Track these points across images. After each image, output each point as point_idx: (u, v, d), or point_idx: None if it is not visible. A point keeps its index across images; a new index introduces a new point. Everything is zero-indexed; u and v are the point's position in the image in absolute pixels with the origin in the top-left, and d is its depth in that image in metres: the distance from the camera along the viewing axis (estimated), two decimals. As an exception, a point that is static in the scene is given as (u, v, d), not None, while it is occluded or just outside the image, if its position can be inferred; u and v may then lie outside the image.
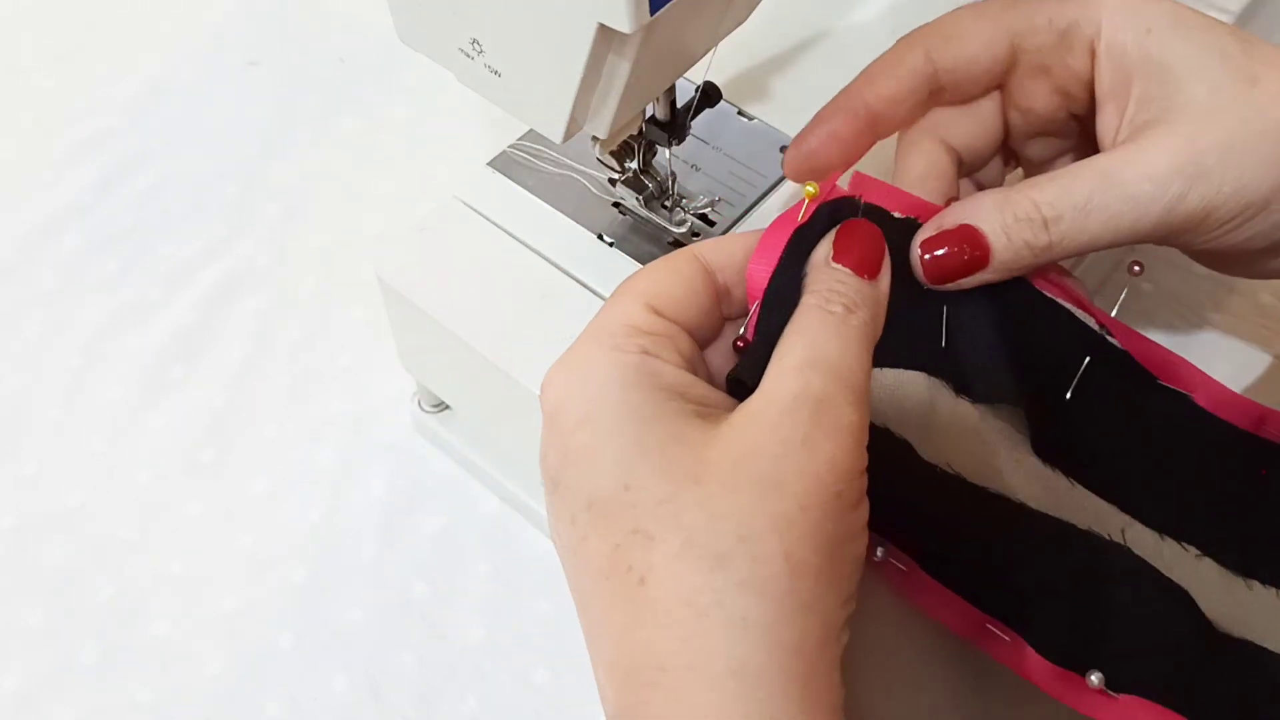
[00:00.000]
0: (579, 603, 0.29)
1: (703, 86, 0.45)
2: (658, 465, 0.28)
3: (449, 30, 0.39)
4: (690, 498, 0.27)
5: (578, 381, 0.30)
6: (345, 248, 0.64)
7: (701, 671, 0.26)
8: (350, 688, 0.49)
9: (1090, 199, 0.35)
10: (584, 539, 0.28)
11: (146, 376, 0.59)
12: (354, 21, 0.74)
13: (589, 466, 0.29)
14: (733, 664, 0.25)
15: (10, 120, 0.70)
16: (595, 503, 0.28)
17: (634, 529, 0.27)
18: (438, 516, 0.54)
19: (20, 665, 0.50)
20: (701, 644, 0.26)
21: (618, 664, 0.27)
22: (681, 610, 0.26)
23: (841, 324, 0.31)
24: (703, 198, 0.48)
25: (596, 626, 0.28)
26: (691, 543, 0.26)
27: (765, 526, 0.26)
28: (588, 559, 0.28)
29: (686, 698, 0.26)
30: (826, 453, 0.28)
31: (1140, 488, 0.36)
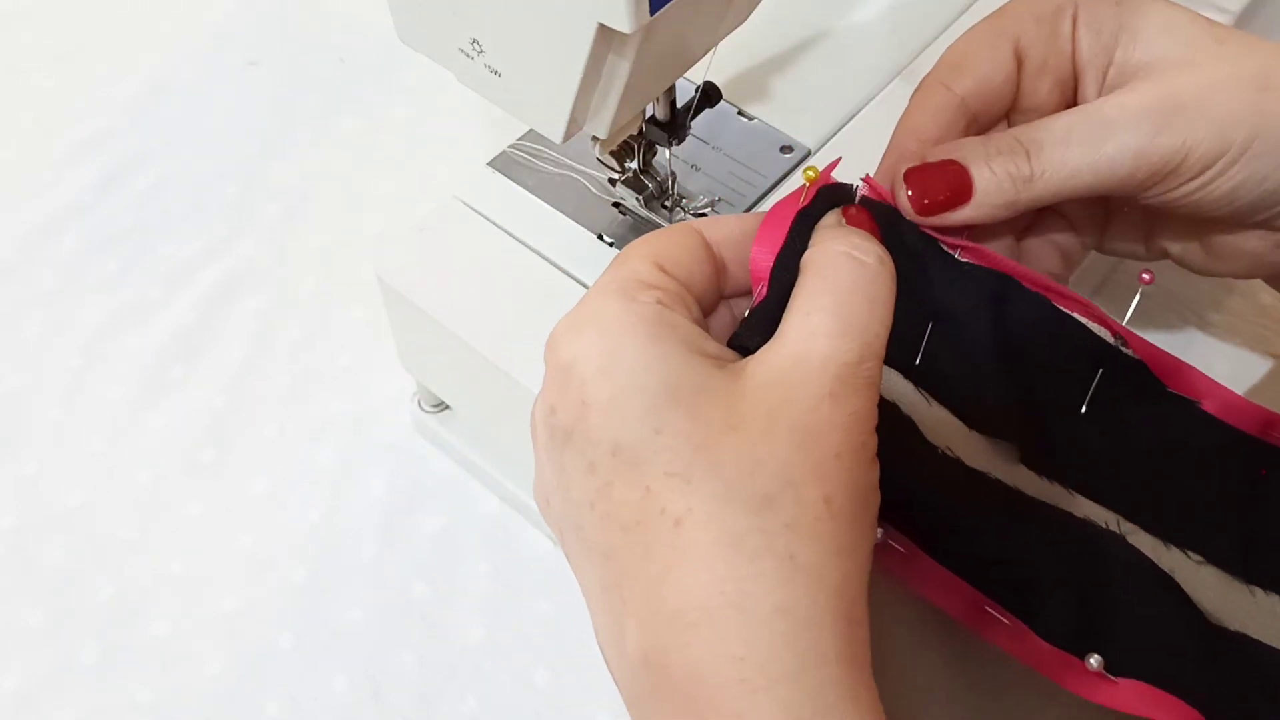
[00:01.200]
0: (597, 561, 0.28)
1: (703, 86, 0.45)
2: (691, 410, 0.28)
3: (449, 30, 0.39)
4: (730, 443, 0.27)
5: (593, 333, 0.30)
6: (345, 248, 0.64)
7: (749, 611, 0.25)
8: (350, 688, 0.49)
9: (1070, 130, 0.35)
10: (608, 484, 0.27)
11: (146, 376, 0.59)
12: (354, 21, 0.74)
13: (614, 413, 0.28)
14: (782, 603, 0.25)
15: (10, 120, 0.70)
16: (623, 448, 0.27)
17: (668, 472, 0.27)
18: (438, 516, 0.54)
19: (20, 665, 0.50)
20: (750, 584, 0.26)
21: (657, 610, 0.26)
22: (726, 551, 0.26)
23: (872, 280, 0.31)
24: (703, 198, 0.48)
25: (625, 577, 0.27)
26: (733, 486, 0.26)
27: (807, 473, 0.27)
28: (613, 508, 0.27)
29: (733, 636, 0.25)
30: (853, 405, 0.28)
31: (1143, 496, 0.36)
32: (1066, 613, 0.33)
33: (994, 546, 0.34)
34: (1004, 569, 0.33)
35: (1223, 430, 0.37)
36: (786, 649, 0.25)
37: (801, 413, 0.28)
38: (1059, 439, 0.36)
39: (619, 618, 0.27)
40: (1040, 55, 0.39)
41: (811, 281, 0.31)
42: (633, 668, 0.27)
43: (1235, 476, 0.37)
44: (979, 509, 0.34)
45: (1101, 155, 0.35)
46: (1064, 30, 0.38)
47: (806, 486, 0.27)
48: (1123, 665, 0.32)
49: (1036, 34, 0.38)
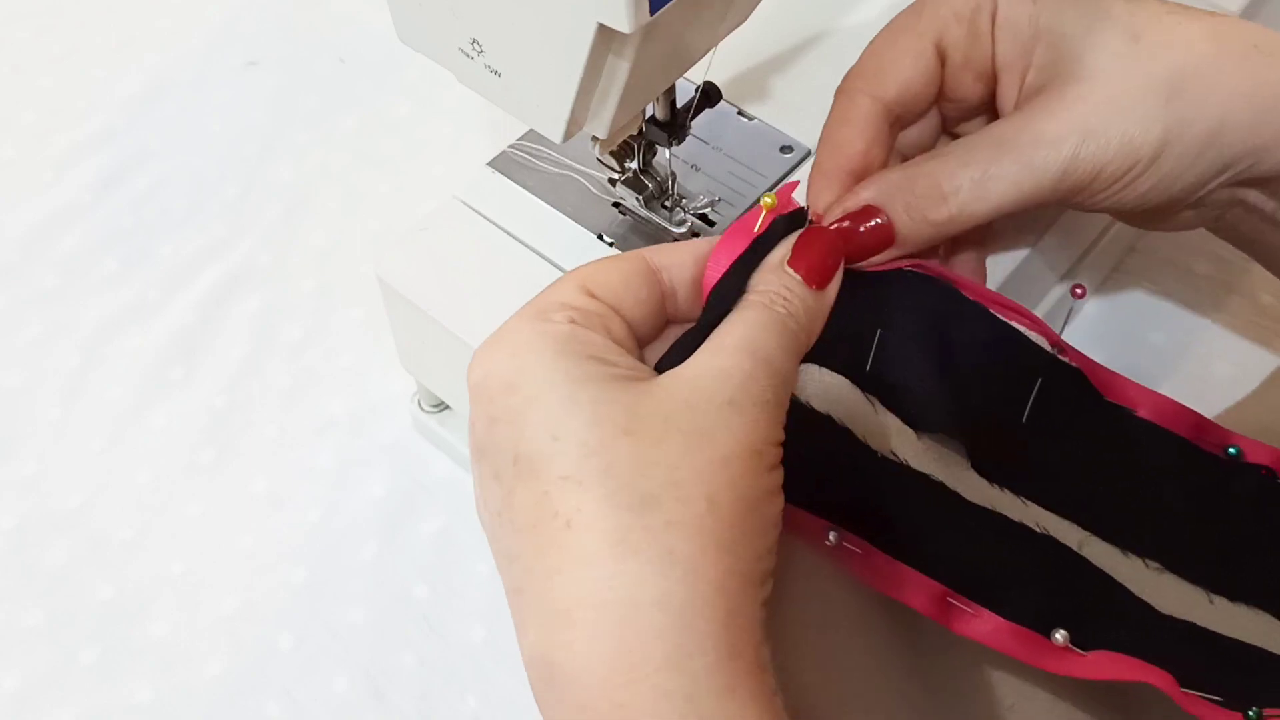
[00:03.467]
0: (505, 566, 0.29)
1: (703, 86, 0.45)
2: (589, 418, 0.29)
3: (449, 30, 0.39)
4: (621, 447, 0.28)
5: (504, 352, 0.31)
6: (345, 248, 0.64)
7: (628, 605, 0.26)
8: (350, 688, 0.49)
9: (987, 170, 0.36)
10: (510, 492, 0.28)
11: (146, 376, 0.59)
12: (354, 21, 0.74)
13: (516, 424, 0.29)
14: (659, 596, 0.26)
15: (10, 120, 0.70)
16: (522, 456, 0.29)
17: (563, 476, 0.28)
18: (438, 516, 0.54)
19: (20, 665, 0.50)
20: (628, 579, 0.26)
21: (548, 610, 0.27)
22: (611, 549, 0.27)
23: (780, 322, 0.32)
24: (703, 198, 0.48)
25: (524, 580, 0.28)
26: (621, 487, 0.27)
27: (692, 474, 0.28)
28: (514, 514, 0.28)
29: (611, 632, 0.26)
30: (750, 415, 0.30)
31: (1095, 504, 0.37)
32: (1027, 599, 0.34)
33: (945, 542, 0.35)
34: (959, 563, 0.34)
35: (1162, 437, 0.38)
36: (662, 639, 0.26)
37: (697, 416, 0.29)
38: (1006, 445, 0.37)
39: (521, 620, 0.28)
40: (962, 54, 0.39)
41: (733, 316, 0.32)
42: (532, 668, 0.28)
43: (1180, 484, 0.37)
44: (927, 508, 0.35)
45: (1023, 189, 0.36)
46: (983, 29, 0.38)
47: (691, 486, 0.28)
48: (1088, 644, 0.33)
49: (957, 33, 0.38)
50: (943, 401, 0.36)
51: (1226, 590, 0.36)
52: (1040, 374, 0.37)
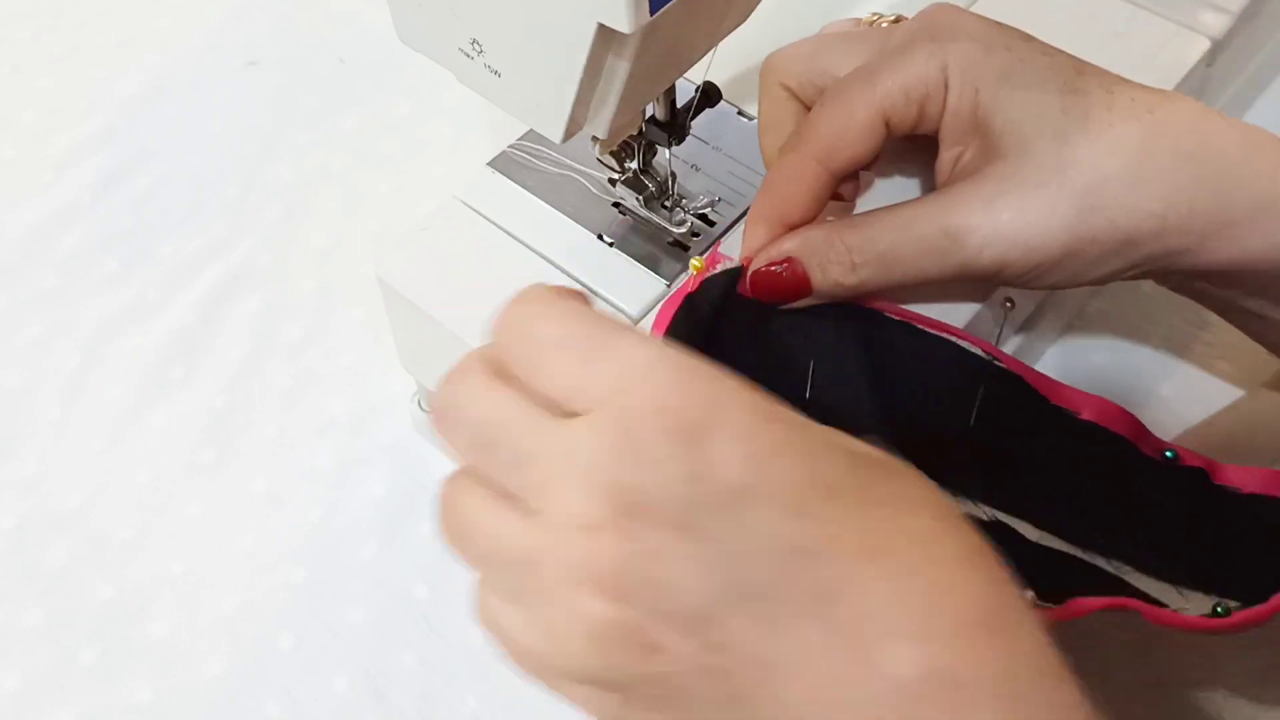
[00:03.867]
0: (797, 576, 0.26)
1: (703, 86, 0.45)
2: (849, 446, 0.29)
3: (449, 30, 0.39)
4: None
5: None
6: (345, 248, 0.64)
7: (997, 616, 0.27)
8: (350, 688, 0.49)
9: (891, 249, 0.38)
10: (824, 522, 0.26)
11: (146, 376, 0.59)
12: (354, 21, 0.74)
13: (800, 453, 0.27)
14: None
15: (10, 120, 0.70)
16: (829, 483, 0.27)
17: (879, 500, 0.28)
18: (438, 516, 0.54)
19: (20, 665, 0.50)
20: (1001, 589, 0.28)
21: (917, 624, 0.26)
22: (968, 559, 0.28)
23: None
24: (703, 198, 0.48)
25: (865, 594, 0.26)
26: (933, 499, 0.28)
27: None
28: (842, 536, 0.26)
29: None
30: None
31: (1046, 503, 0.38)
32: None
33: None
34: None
35: (1106, 437, 0.39)
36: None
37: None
38: (954, 452, 0.38)
39: (862, 648, 0.26)
40: (907, 128, 0.40)
41: None
42: (901, 686, 0.26)
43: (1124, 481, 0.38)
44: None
45: (926, 269, 0.38)
46: (932, 112, 0.39)
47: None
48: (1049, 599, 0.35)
49: (906, 112, 0.39)
50: (882, 415, 0.38)
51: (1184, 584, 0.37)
52: (982, 381, 0.38)
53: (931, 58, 0.38)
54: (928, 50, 0.38)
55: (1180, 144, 0.36)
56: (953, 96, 0.38)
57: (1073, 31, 0.53)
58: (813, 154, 0.40)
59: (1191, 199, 0.36)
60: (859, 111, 0.39)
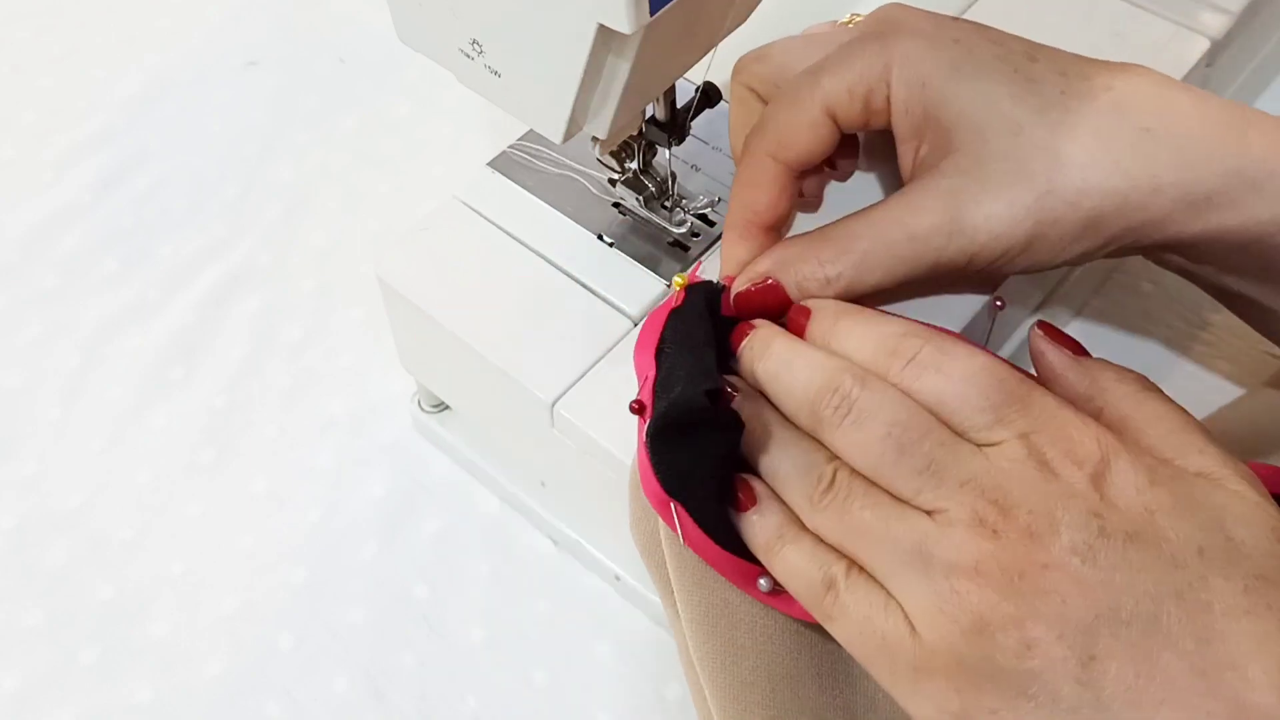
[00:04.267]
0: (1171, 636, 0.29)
1: (703, 87, 0.45)
2: (1242, 520, 0.30)
3: (449, 31, 0.39)
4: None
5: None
6: (345, 248, 0.64)
7: None
8: (350, 688, 0.49)
9: (865, 257, 0.38)
10: (1202, 578, 0.29)
11: (146, 376, 0.59)
12: (354, 21, 0.74)
13: (1180, 513, 0.30)
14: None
15: (10, 120, 0.70)
16: (1205, 548, 0.30)
17: (1256, 574, 0.29)
18: (438, 516, 0.54)
19: (20, 665, 0.50)
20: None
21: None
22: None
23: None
24: (703, 198, 0.48)
25: (1252, 654, 0.29)
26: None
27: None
28: (1214, 596, 0.29)
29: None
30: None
31: None
32: None
33: None
34: None
35: None
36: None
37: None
38: None
39: (1237, 693, 0.28)
40: (857, 124, 0.40)
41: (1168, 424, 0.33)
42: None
43: None
44: None
45: (900, 271, 0.38)
46: (878, 106, 0.39)
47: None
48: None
49: (850, 108, 0.39)
50: None
51: None
52: None
53: (875, 55, 0.38)
54: (872, 48, 0.38)
55: (1140, 119, 0.36)
56: (900, 92, 0.38)
57: (1073, 31, 0.53)
58: (766, 150, 0.40)
59: (1154, 175, 0.36)
60: (805, 108, 0.39)
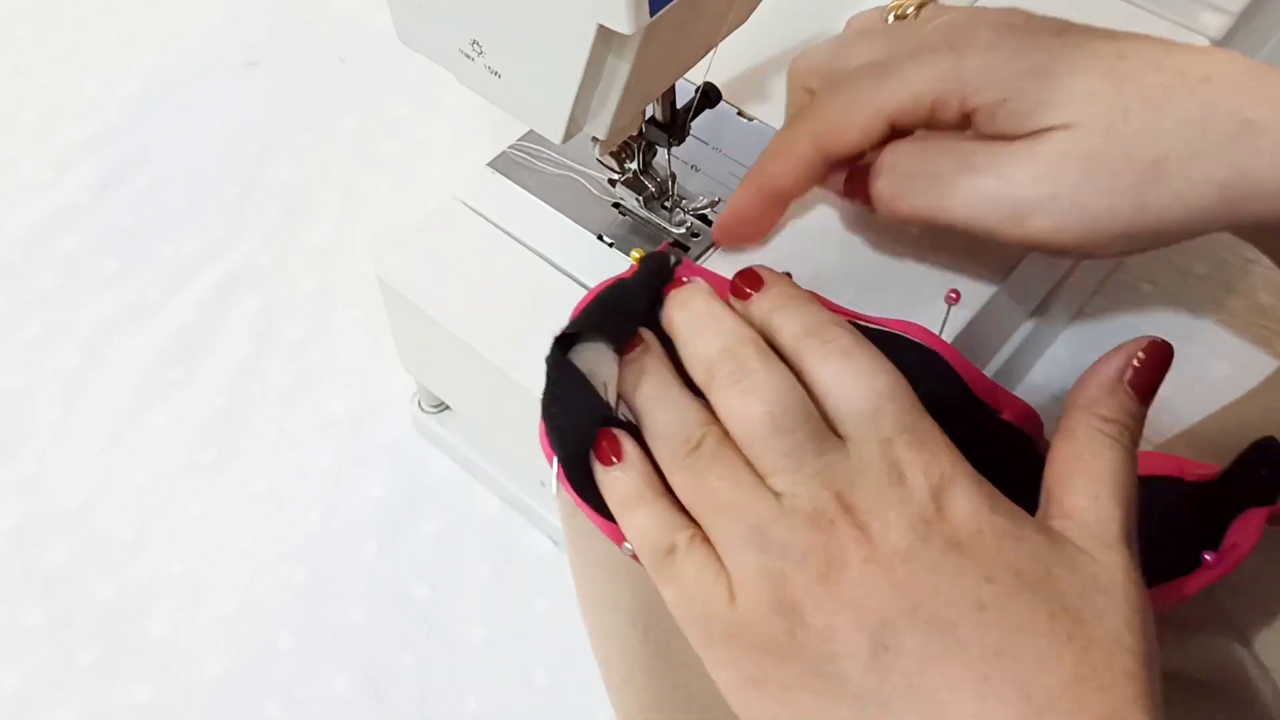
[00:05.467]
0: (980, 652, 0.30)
1: (703, 87, 0.45)
2: (1068, 564, 0.32)
3: (449, 31, 0.39)
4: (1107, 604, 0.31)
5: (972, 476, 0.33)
6: (345, 248, 0.64)
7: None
8: (350, 688, 0.49)
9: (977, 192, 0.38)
10: (1009, 596, 0.31)
11: (146, 376, 0.59)
12: (354, 21, 0.74)
13: (1010, 545, 0.31)
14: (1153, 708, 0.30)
15: (10, 120, 0.70)
16: (1023, 574, 0.31)
17: (1065, 607, 0.31)
18: (438, 516, 0.54)
19: (20, 665, 0.51)
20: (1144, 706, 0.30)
21: (1083, 716, 0.29)
22: (1127, 683, 0.30)
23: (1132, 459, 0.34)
24: (703, 198, 0.48)
25: (1022, 672, 0.30)
26: (1121, 642, 0.30)
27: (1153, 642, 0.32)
28: (1011, 616, 0.30)
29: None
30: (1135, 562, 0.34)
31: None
32: None
33: None
34: None
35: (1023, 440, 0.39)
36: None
37: (1139, 591, 0.32)
38: None
39: (1021, 708, 0.29)
40: (915, 126, 0.40)
41: (1090, 453, 0.33)
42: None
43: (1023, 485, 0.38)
44: None
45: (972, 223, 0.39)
46: (945, 116, 0.39)
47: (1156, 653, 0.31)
48: None
49: (913, 116, 0.39)
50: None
51: None
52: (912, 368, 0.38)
53: (950, 66, 0.38)
54: (946, 60, 0.38)
55: (1243, 108, 0.36)
56: (982, 99, 0.38)
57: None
58: (809, 133, 0.40)
59: (1255, 167, 0.36)
60: (864, 107, 0.39)
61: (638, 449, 0.35)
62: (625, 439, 0.35)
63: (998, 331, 0.50)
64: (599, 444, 0.35)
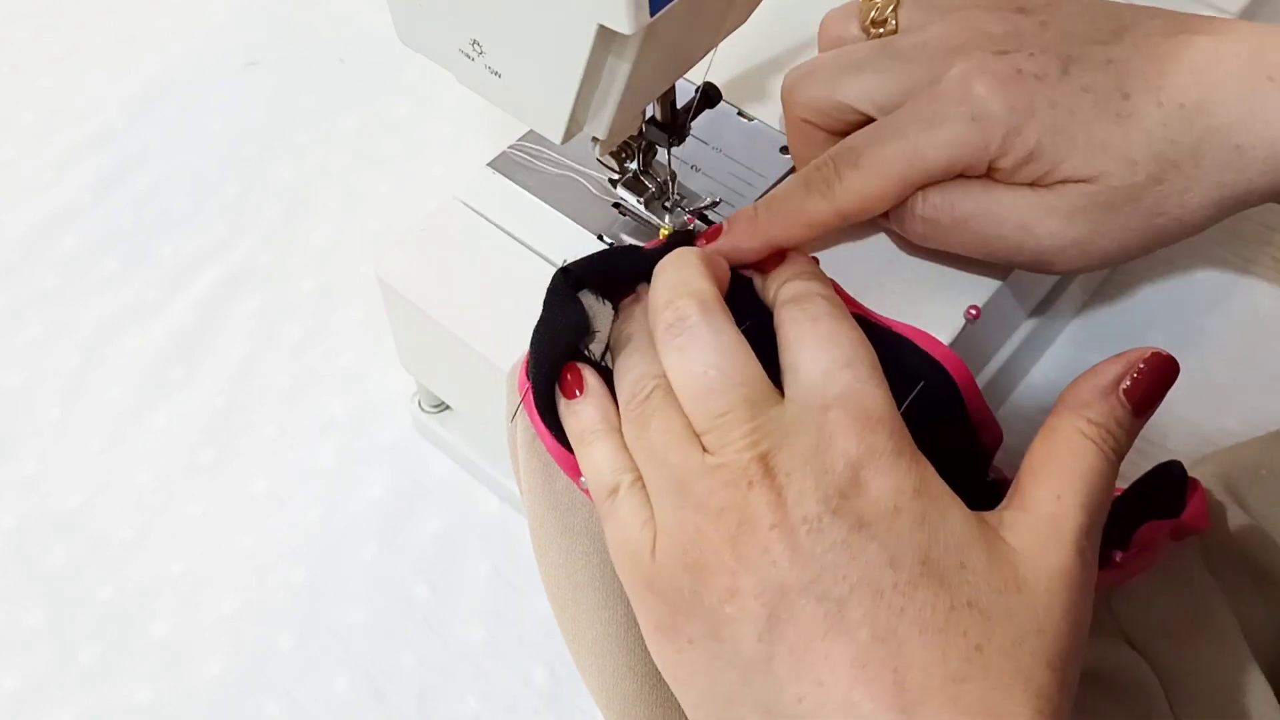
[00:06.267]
0: (868, 638, 0.30)
1: (703, 87, 0.45)
2: (987, 558, 0.31)
3: (449, 31, 0.39)
4: (1020, 603, 0.30)
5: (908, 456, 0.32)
6: (345, 248, 0.64)
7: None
8: (350, 688, 0.49)
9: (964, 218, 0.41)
10: (911, 584, 0.30)
11: (146, 376, 0.59)
12: (354, 21, 0.74)
13: (927, 530, 0.31)
14: (1052, 713, 0.30)
15: (10, 120, 0.70)
16: (932, 562, 0.30)
17: (971, 602, 0.30)
18: (438, 516, 0.54)
19: (20, 665, 0.51)
20: (1039, 706, 0.29)
21: (953, 704, 0.29)
22: (1019, 685, 0.29)
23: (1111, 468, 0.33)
24: (707, 197, 0.48)
25: (913, 668, 0.29)
26: (1024, 643, 0.30)
27: (1063, 646, 0.31)
28: (910, 606, 0.30)
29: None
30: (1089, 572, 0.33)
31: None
32: None
33: None
34: None
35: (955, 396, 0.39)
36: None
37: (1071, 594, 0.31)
38: None
39: (892, 700, 0.29)
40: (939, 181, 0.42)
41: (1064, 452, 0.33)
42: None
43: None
44: None
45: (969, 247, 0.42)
46: (976, 174, 0.41)
47: (1060, 660, 0.31)
48: None
49: (942, 177, 0.41)
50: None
51: None
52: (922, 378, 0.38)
53: (971, 138, 0.40)
54: (967, 130, 0.39)
55: (1231, 138, 0.38)
56: (1004, 162, 0.40)
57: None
58: (839, 210, 0.41)
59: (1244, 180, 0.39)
60: (897, 183, 0.41)
61: (602, 386, 0.36)
62: (590, 374, 0.36)
63: (998, 331, 0.50)
64: (564, 375, 0.36)
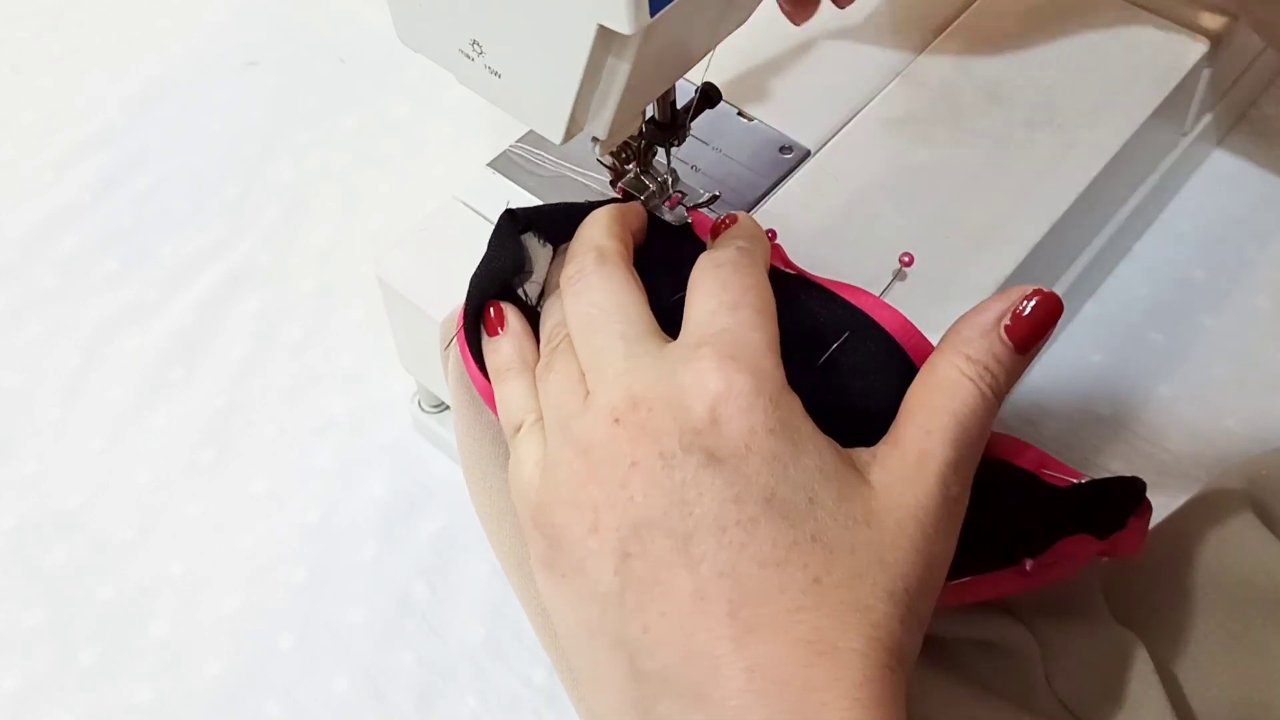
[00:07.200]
0: (710, 574, 0.30)
1: (702, 87, 0.45)
2: (837, 495, 0.31)
3: (449, 31, 0.39)
4: (865, 537, 0.31)
5: (767, 395, 0.32)
6: (345, 248, 0.64)
7: (869, 656, 0.29)
8: (350, 688, 0.49)
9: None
10: (754, 521, 0.30)
11: (146, 376, 0.59)
12: (354, 21, 0.74)
13: (777, 467, 0.31)
14: (890, 643, 0.30)
15: (10, 120, 0.70)
16: (777, 500, 0.30)
17: (814, 537, 0.30)
18: (438, 516, 0.54)
19: (20, 665, 0.51)
20: (871, 634, 0.30)
21: (785, 636, 0.29)
22: (855, 615, 0.30)
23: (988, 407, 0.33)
24: (704, 193, 0.48)
25: (751, 601, 0.30)
26: (865, 575, 0.30)
27: (911, 578, 0.31)
28: (752, 543, 0.30)
29: (857, 669, 0.29)
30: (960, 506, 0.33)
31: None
32: None
33: None
34: None
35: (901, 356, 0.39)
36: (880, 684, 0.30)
37: (924, 528, 0.31)
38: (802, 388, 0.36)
39: (725, 630, 0.30)
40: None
41: (936, 388, 0.33)
42: (735, 675, 0.29)
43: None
44: None
45: None
46: None
47: (910, 590, 0.31)
48: None
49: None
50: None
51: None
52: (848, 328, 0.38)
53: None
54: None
55: None
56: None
57: (1073, 32, 0.53)
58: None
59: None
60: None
61: (524, 325, 0.37)
62: (512, 313, 0.37)
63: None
64: (487, 312, 0.38)
